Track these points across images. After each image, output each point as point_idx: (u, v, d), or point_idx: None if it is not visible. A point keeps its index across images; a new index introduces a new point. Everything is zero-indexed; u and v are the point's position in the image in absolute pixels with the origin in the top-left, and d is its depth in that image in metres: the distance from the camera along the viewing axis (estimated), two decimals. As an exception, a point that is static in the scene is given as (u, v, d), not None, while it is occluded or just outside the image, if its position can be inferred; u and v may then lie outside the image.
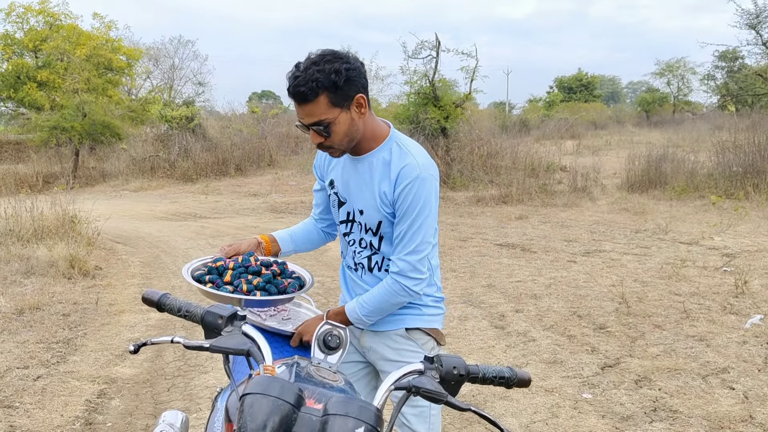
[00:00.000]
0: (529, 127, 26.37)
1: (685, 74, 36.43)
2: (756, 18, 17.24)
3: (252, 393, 1.08)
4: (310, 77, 1.66)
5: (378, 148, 1.84)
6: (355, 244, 1.94)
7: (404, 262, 1.80)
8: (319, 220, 2.15)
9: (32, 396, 3.63)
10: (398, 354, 1.91)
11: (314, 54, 1.72)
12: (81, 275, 6.41)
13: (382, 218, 1.84)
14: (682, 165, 12.69)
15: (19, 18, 22.33)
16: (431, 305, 1.95)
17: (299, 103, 1.71)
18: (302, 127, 1.77)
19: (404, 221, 1.79)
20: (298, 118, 1.76)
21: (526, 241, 8.19)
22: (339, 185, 1.93)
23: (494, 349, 4.39)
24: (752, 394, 3.54)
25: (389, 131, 1.87)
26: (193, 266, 1.85)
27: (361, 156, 1.85)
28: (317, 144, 1.77)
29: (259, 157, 19.00)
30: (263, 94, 55.18)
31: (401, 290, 1.83)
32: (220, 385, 3.29)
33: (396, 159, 1.81)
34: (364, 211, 1.86)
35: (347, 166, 1.90)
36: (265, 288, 1.76)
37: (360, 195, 1.87)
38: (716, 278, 6.03)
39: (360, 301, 1.88)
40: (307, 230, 2.14)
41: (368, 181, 1.84)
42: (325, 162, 1.99)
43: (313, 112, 1.70)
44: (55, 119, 17.86)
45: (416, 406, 1.86)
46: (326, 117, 1.70)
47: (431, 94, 14.19)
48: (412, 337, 1.92)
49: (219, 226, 10.49)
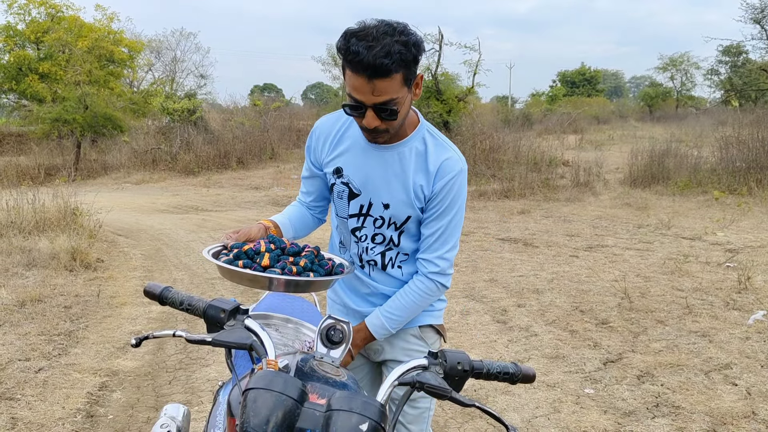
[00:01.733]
0: (531, 121, 26.31)
1: (688, 69, 36.41)
2: (761, 12, 17.17)
3: (255, 388, 1.07)
4: (390, 48, 1.43)
5: (410, 136, 1.69)
6: (366, 239, 1.78)
7: (443, 260, 1.72)
8: (311, 208, 1.95)
9: (34, 388, 3.63)
10: (407, 354, 1.82)
11: (375, 22, 1.49)
12: (83, 267, 6.41)
13: (412, 213, 1.70)
14: (685, 160, 12.66)
15: (21, 9, 22.28)
16: (440, 298, 1.88)
17: (372, 77, 1.45)
18: (355, 108, 1.54)
19: (443, 218, 1.69)
20: (355, 96, 1.51)
21: (529, 236, 8.17)
22: (352, 175, 1.73)
23: (496, 343, 4.38)
24: (755, 390, 3.53)
25: (419, 119, 1.73)
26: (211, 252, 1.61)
27: (390, 144, 1.68)
28: (372, 128, 1.56)
29: (261, 150, 18.99)
30: (265, 86, 55.19)
31: (437, 290, 1.74)
32: (222, 379, 3.29)
33: (433, 151, 1.67)
34: (391, 205, 1.70)
35: (367, 155, 1.70)
36: (312, 269, 1.55)
37: (387, 188, 1.69)
38: (719, 274, 6.01)
39: (385, 313, 1.74)
40: (301, 215, 1.92)
41: (399, 173, 1.68)
42: (328, 147, 1.77)
43: (387, 90, 1.48)
44: (56, 111, 17.85)
45: (417, 407, 1.81)
46: (398, 96, 1.51)
47: (434, 87, 14.18)
48: (424, 336, 1.85)
49: (220, 219, 10.48)
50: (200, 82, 26.09)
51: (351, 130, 1.75)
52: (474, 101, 18.04)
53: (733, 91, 26.89)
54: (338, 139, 1.76)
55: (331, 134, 1.77)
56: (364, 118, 1.54)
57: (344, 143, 1.75)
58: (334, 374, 1.31)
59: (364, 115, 1.54)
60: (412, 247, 1.78)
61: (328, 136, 1.78)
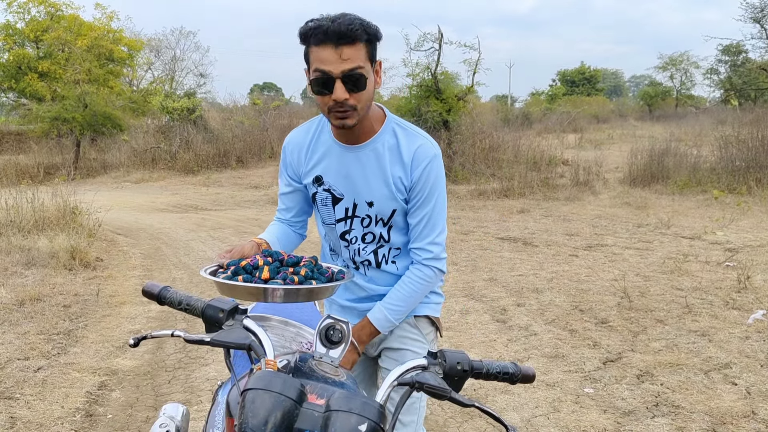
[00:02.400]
0: (531, 120, 26.30)
1: (688, 68, 36.41)
2: (761, 12, 17.17)
3: (254, 388, 1.06)
4: (352, 20, 1.51)
5: (379, 132, 1.72)
6: (357, 241, 1.81)
7: (435, 245, 1.75)
8: (292, 224, 1.95)
9: (33, 387, 3.63)
10: (401, 342, 1.85)
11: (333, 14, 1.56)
12: (82, 267, 6.41)
13: (396, 206, 1.74)
14: (685, 159, 12.66)
15: (21, 8, 22.29)
16: (436, 291, 1.92)
17: (338, 43, 1.49)
18: (323, 82, 1.54)
19: (427, 204, 1.72)
20: (322, 68, 1.52)
21: (528, 235, 8.17)
22: (333, 180, 1.77)
23: (496, 343, 4.38)
24: (754, 390, 3.53)
25: (385, 114, 1.76)
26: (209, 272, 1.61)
27: (360, 144, 1.72)
28: (341, 101, 1.55)
29: (261, 149, 18.99)
30: (265, 85, 55.17)
31: (435, 275, 1.76)
32: (221, 378, 3.28)
33: (405, 142, 1.71)
34: (375, 202, 1.74)
35: (343, 158, 1.74)
36: (313, 277, 1.54)
37: (367, 186, 1.73)
38: (719, 273, 6.01)
39: (387, 306, 1.75)
40: (285, 232, 1.91)
41: (376, 169, 1.72)
42: (303, 158, 1.80)
43: (354, 56, 1.51)
44: (56, 110, 17.85)
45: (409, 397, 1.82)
46: (365, 66, 1.53)
47: (433, 86, 14.16)
48: (419, 325, 1.87)
49: (220, 218, 10.48)
50: (200, 81, 26.07)
51: (323, 137, 1.79)
52: (474, 100, 18.00)
53: (732, 91, 26.91)
54: (312, 148, 1.80)
55: (304, 145, 1.81)
56: (333, 92, 1.54)
57: (318, 151, 1.78)
58: (333, 374, 1.31)
59: (332, 89, 1.54)
60: (402, 240, 1.81)
61: (302, 147, 1.82)
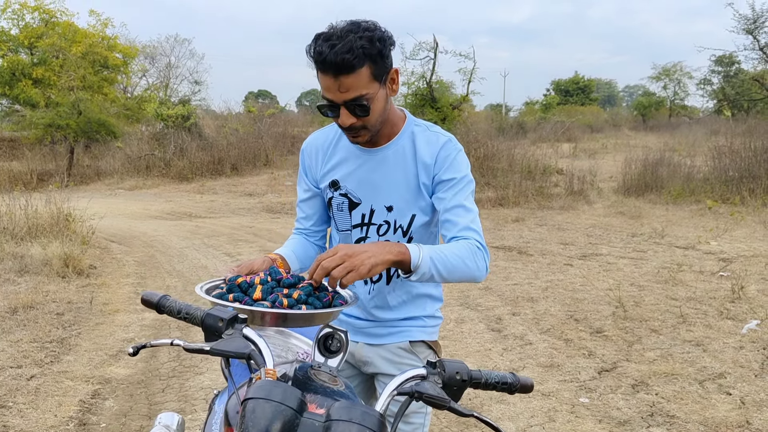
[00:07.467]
0: (525, 129, 26.35)
1: (681, 78, 36.56)
2: (753, 23, 17.30)
3: (254, 398, 1.06)
4: (353, 44, 1.45)
5: (399, 135, 1.68)
6: None
7: (470, 230, 1.60)
8: (311, 234, 1.87)
9: (25, 396, 3.60)
10: (398, 368, 1.75)
11: (342, 23, 1.50)
12: (75, 274, 6.37)
13: (416, 211, 1.67)
14: (679, 169, 12.73)
15: (15, 15, 22.24)
16: (435, 315, 1.83)
17: (337, 74, 1.47)
18: (329, 107, 1.55)
19: (455, 190, 1.62)
20: (326, 96, 1.52)
21: (523, 244, 8.18)
22: (351, 184, 1.71)
23: (491, 352, 4.38)
24: (749, 400, 3.54)
25: (406, 116, 1.72)
26: (206, 288, 1.55)
27: (381, 146, 1.67)
28: (347, 125, 1.55)
29: (255, 156, 18.96)
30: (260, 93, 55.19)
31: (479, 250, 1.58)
32: (216, 387, 3.26)
33: (428, 139, 1.67)
34: (395, 206, 1.68)
35: (363, 162, 1.69)
36: (307, 302, 1.45)
37: (387, 189, 1.67)
38: (713, 283, 6.04)
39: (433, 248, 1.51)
40: (303, 246, 1.84)
41: (397, 171, 1.67)
42: (321, 161, 1.76)
43: (354, 85, 1.48)
44: (50, 117, 17.80)
45: (410, 423, 1.74)
46: (367, 92, 1.50)
47: (428, 95, 14.22)
48: (415, 350, 1.79)
49: (214, 225, 10.46)
50: (194, 88, 26.12)
51: (342, 140, 1.73)
52: (468, 109, 18.08)
53: (725, 101, 27.08)
54: (331, 151, 1.75)
55: (323, 148, 1.77)
56: (339, 117, 1.55)
57: (337, 155, 1.74)
58: (331, 383, 1.31)
59: (338, 114, 1.55)
60: None
61: (319, 150, 1.77)
